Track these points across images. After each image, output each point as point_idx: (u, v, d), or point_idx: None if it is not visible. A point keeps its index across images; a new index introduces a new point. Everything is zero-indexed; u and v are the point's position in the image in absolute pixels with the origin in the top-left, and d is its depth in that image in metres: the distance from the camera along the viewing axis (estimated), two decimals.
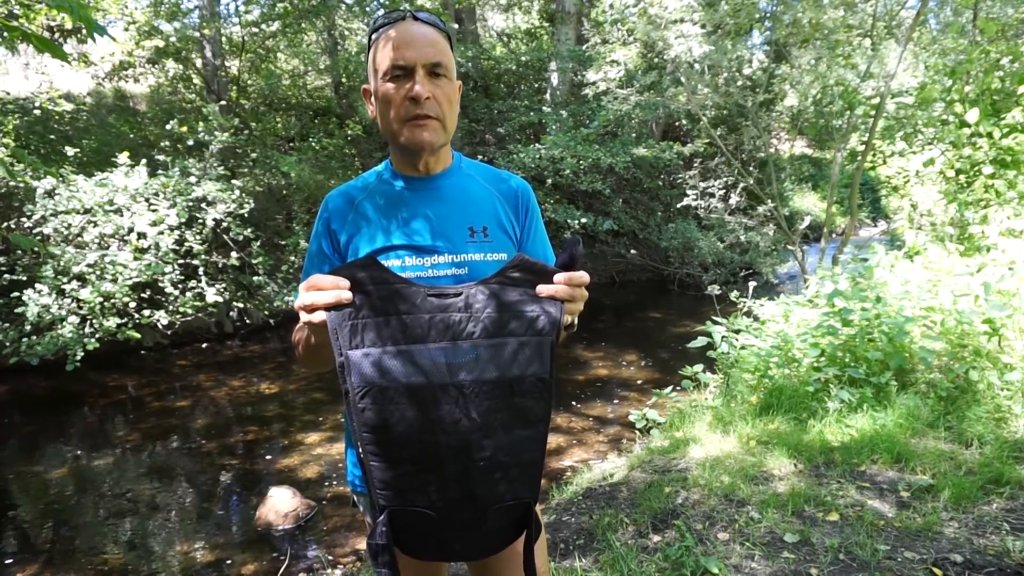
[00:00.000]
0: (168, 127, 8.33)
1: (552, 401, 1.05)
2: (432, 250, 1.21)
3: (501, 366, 1.00)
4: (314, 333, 1.04)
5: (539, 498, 1.16)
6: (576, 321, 1.10)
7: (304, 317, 0.98)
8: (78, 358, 6.15)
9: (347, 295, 0.97)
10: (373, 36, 1.20)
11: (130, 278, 6.59)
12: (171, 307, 7.15)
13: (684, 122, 11.34)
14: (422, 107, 1.15)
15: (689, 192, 10.09)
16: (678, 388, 4.65)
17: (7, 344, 6.26)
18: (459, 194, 1.26)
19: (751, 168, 10.66)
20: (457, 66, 1.23)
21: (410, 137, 1.17)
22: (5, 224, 7.20)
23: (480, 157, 9.61)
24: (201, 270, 7.45)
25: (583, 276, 1.03)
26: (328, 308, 0.97)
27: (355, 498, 1.37)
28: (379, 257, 1.19)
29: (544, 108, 10.83)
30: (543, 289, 1.01)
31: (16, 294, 6.27)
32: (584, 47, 10.67)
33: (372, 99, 1.23)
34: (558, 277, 1.01)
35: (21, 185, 6.77)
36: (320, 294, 0.96)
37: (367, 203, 1.26)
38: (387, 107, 1.18)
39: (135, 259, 6.68)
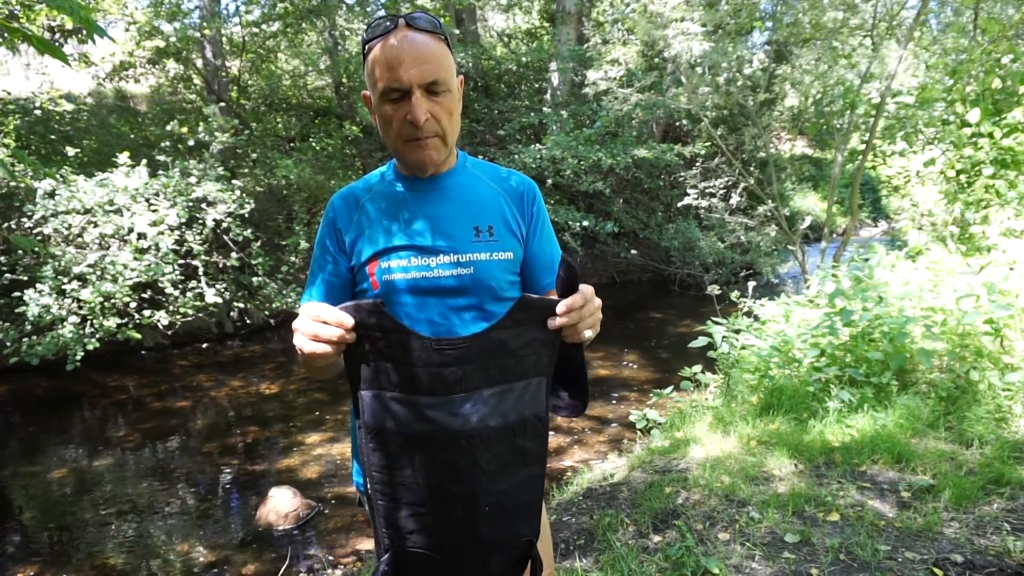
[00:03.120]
0: (168, 127, 8.33)
1: (547, 437, 1.07)
2: (437, 250, 1.21)
3: (505, 412, 1.01)
4: (312, 359, 1.01)
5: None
6: (592, 334, 1.08)
7: (307, 347, 0.95)
8: (78, 358, 6.15)
9: (350, 336, 0.95)
10: (366, 46, 1.17)
11: (130, 278, 6.58)
12: (171, 307, 7.14)
13: (685, 122, 11.34)
14: (423, 129, 1.15)
15: (690, 192, 10.09)
16: (679, 388, 4.64)
17: (7, 344, 6.26)
18: (464, 194, 1.26)
19: (752, 168, 10.65)
20: (458, 67, 1.22)
21: (412, 157, 1.19)
22: (5, 224, 7.20)
23: (481, 157, 9.59)
24: (201, 270, 7.45)
25: (583, 295, 1.00)
26: (331, 343, 0.96)
27: (361, 498, 1.38)
28: (384, 257, 1.21)
29: (545, 109, 10.82)
30: (552, 324, 1.00)
31: (17, 294, 6.27)
32: (584, 47, 10.67)
33: (372, 106, 1.22)
34: (560, 308, 0.99)
35: (21, 186, 6.77)
36: (324, 328, 0.94)
37: (372, 204, 1.26)
38: (387, 126, 1.18)
39: (135, 259, 6.68)
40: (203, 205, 7.61)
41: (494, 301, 1.24)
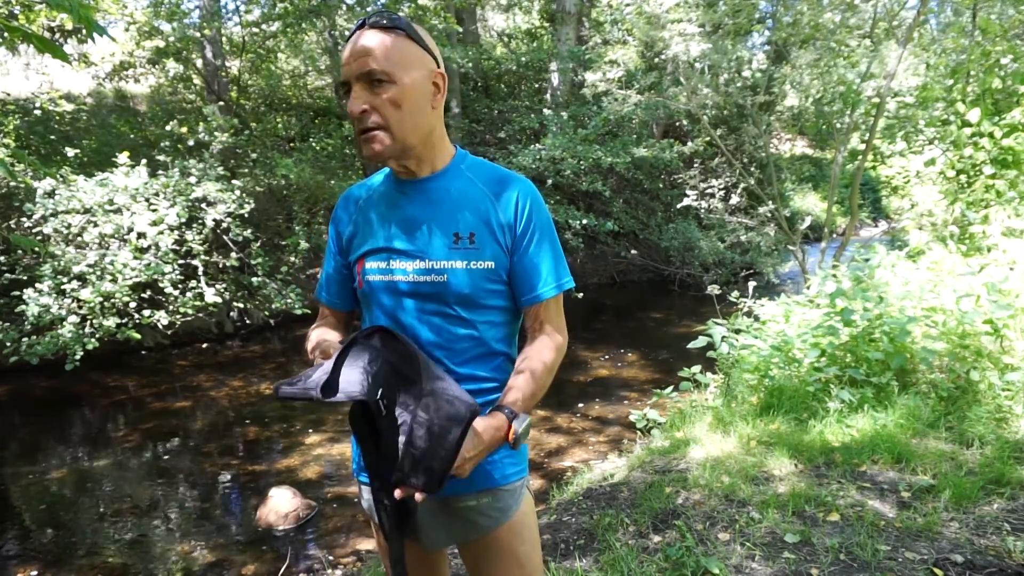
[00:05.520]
0: (168, 127, 8.32)
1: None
2: (412, 254, 1.21)
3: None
4: None
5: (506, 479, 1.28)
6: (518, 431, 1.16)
7: None
8: (77, 358, 6.14)
9: None
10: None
11: (130, 278, 6.58)
12: (171, 307, 7.14)
13: (684, 122, 11.34)
14: (362, 122, 1.15)
15: (689, 192, 10.09)
16: (679, 389, 4.64)
17: (7, 344, 6.25)
18: (450, 197, 1.24)
19: (752, 168, 10.66)
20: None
21: (364, 150, 1.19)
22: (5, 224, 7.20)
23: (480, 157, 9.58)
24: (201, 270, 7.44)
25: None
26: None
27: (361, 491, 1.40)
28: (369, 258, 1.25)
29: (545, 110, 10.82)
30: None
31: (16, 293, 6.27)
32: (584, 47, 10.67)
33: None
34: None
35: (21, 185, 6.77)
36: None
37: (368, 204, 1.30)
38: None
39: (135, 259, 6.67)
40: (203, 205, 7.60)
41: (470, 309, 1.22)
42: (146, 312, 6.91)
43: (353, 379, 1.06)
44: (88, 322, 6.42)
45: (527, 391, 1.19)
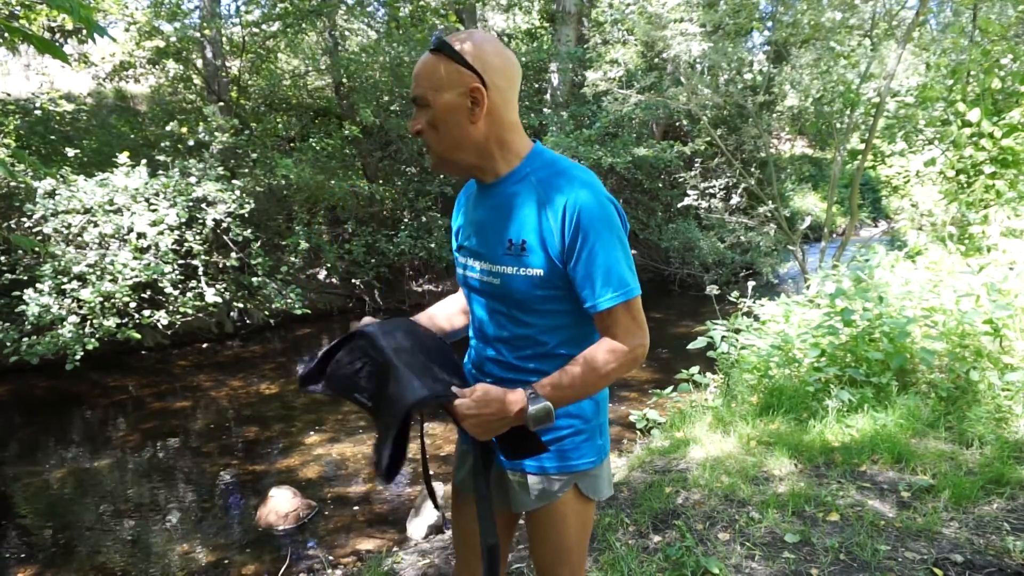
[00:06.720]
0: (168, 127, 8.32)
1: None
2: (481, 255, 1.31)
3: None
4: None
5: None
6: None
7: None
8: (77, 358, 6.14)
9: None
10: None
11: (130, 278, 6.58)
12: (171, 307, 7.14)
13: (685, 122, 11.33)
14: (419, 139, 1.28)
15: (690, 192, 10.09)
16: (678, 389, 4.64)
17: (7, 344, 6.25)
18: (508, 203, 1.26)
19: (752, 168, 10.65)
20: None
21: None
22: (5, 224, 7.20)
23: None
24: (201, 270, 7.44)
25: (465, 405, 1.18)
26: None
27: None
28: (458, 253, 1.42)
29: (545, 110, 10.82)
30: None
31: (16, 293, 6.27)
32: (584, 47, 10.67)
33: None
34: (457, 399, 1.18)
35: (22, 185, 6.77)
36: None
37: (467, 203, 1.41)
38: None
39: (135, 259, 6.67)
40: (203, 205, 7.60)
41: (524, 312, 1.28)
42: (146, 312, 6.91)
43: (331, 376, 1.27)
44: (88, 322, 6.42)
45: (559, 380, 1.22)
